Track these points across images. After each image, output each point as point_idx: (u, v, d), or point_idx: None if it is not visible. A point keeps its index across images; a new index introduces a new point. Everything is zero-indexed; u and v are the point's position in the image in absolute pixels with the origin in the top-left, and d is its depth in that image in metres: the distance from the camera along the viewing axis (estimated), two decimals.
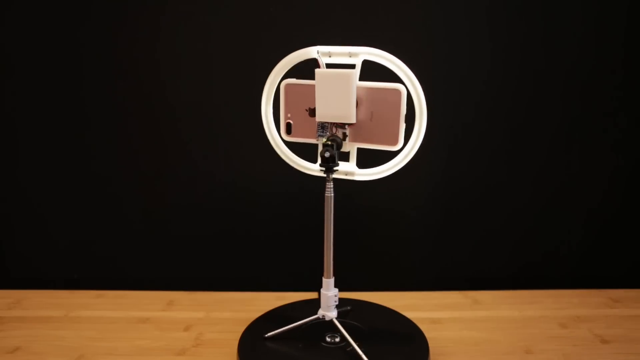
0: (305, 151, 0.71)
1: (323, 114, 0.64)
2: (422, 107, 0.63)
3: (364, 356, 0.63)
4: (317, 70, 0.63)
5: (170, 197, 0.92)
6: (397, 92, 0.62)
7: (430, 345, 0.67)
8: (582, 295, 0.88)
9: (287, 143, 0.70)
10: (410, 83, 0.63)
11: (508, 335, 0.74)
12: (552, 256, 0.93)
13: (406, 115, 0.62)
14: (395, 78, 0.63)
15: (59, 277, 0.93)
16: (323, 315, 0.68)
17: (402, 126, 0.62)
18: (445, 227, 0.93)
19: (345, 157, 0.66)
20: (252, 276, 0.93)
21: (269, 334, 0.70)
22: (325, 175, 0.65)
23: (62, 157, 0.91)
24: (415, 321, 0.74)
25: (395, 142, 0.63)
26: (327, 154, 0.63)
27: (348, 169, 0.67)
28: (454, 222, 0.93)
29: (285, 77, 0.67)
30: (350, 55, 0.63)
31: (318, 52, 0.64)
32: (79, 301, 0.87)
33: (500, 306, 0.84)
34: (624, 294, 0.88)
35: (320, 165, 0.65)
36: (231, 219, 0.92)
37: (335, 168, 0.65)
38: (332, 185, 0.65)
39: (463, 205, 0.92)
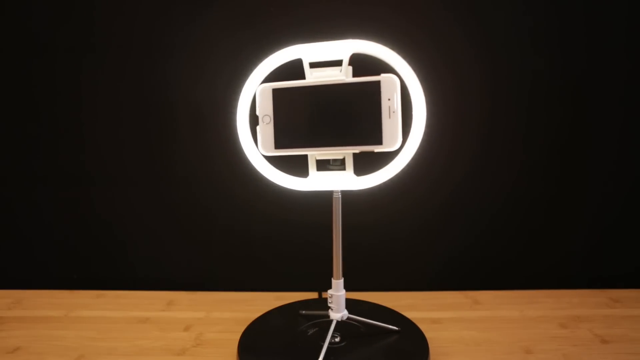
0: None
1: None
2: None
3: (391, 326, 0.70)
4: None
5: (169, 196, 0.92)
6: None
7: (430, 345, 0.67)
8: (582, 295, 0.88)
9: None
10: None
11: (508, 335, 0.74)
12: (552, 256, 0.93)
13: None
14: None
15: (59, 277, 0.93)
16: (341, 316, 0.67)
17: None
18: (445, 227, 0.93)
19: None
20: (252, 276, 0.93)
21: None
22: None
23: (61, 156, 0.91)
24: (415, 321, 0.74)
25: None
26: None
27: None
28: (454, 222, 0.93)
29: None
30: None
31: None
32: (79, 301, 0.87)
33: (500, 306, 0.84)
34: (624, 294, 0.88)
35: (329, 166, 0.64)
36: (231, 218, 0.92)
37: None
38: None
39: (463, 205, 0.92)
